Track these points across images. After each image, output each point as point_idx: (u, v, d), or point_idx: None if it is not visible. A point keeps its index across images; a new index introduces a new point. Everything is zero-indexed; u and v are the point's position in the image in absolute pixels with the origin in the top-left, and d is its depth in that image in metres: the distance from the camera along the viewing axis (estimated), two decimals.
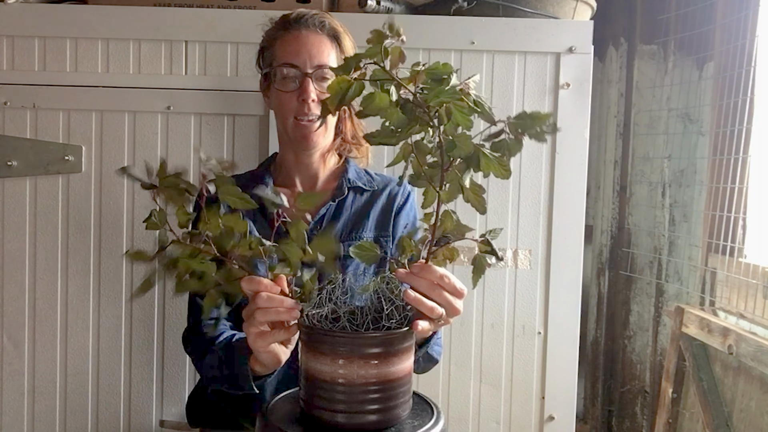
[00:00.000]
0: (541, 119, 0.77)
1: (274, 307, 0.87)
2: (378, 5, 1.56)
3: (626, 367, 2.23)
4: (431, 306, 0.86)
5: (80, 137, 1.58)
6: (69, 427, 1.61)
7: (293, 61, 1.18)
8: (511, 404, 1.62)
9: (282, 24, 1.22)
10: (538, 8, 1.58)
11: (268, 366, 0.96)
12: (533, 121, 0.78)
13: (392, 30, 0.75)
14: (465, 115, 0.78)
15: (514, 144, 0.79)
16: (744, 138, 1.76)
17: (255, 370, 0.99)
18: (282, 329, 0.89)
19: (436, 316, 0.87)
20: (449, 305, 0.88)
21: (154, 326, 1.61)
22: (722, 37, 1.87)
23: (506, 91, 1.58)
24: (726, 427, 1.65)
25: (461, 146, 0.79)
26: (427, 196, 0.86)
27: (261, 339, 0.90)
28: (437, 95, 0.76)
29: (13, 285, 1.60)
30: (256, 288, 0.87)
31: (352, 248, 0.90)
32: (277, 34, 1.22)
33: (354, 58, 0.78)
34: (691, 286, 2.01)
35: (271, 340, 0.91)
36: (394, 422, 0.84)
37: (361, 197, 1.27)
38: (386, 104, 0.78)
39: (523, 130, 0.78)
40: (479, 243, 0.87)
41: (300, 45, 1.19)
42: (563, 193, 1.59)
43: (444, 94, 0.76)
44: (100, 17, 1.57)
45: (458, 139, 0.79)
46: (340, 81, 0.77)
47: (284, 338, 0.91)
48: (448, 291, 0.88)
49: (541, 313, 1.61)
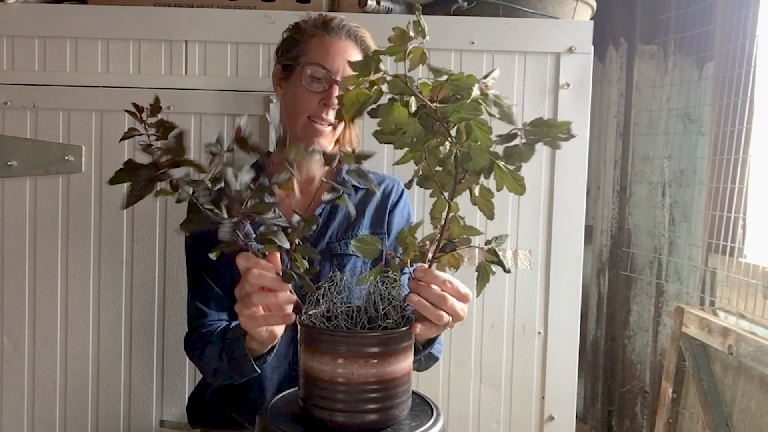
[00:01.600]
0: (558, 127, 0.74)
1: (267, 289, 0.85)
2: (378, 5, 1.56)
3: (626, 367, 2.23)
4: (438, 314, 0.87)
5: (80, 137, 1.58)
6: (69, 427, 1.61)
7: (327, 65, 1.17)
8: (511, 404, 1.62)
9: (323, 25, 1.21)
10: (538, 8, 1.58)
11: (264, 341, 0.95)
12: (550, 129, 0.75)
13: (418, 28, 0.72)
14: (485, 133, 0.74)
15: (527, 150, 0.77)
16: (744, 138, 1.76)
17: (252, 348, 0.98)
18: (276, 314, 0.88)
19: (442, 323, 0.87)
20: (455, 312, 0.88)
21: (154, 326, 1.61)
22: (722, 37, 1.87)
23: (506, 92, 1.58)
24: (726, 427, 1.65)
25: (477, 159, 0.76)
26: (437, 204, 0.84)
27: (253, 321, 0.89)
28: (457, 110, 0.73)
29: (13, 285, 1.59)
30: (252, 265, 0.86)
31: (353, 242, 0.89)
32: (315, 32, 1.21)
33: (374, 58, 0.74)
34: (691, 286, 2.01)
35: (264, 323, 0.89)
36: (394, 422, 0.84)
37: (355, 195, 1.27)
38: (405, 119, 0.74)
39: (539, 138, 0.75)
40: (486, 251, 0.86)
41: (337, 51, 1.18)
42: (563, 193, 1.59)
43: (464, 109, 0.73)
44: (100, 17, 1.57)
45: (474, 152, 0.76)
46: (359, 93, 0.74)
47: (278, 324, 0.90)
48: (453, 296, 0.88)
49: (541, 313, 1.61)
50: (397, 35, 0.73)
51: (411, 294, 0.87)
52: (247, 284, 0.86)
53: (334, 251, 1.20)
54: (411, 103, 0.73)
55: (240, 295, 0.89)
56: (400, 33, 0.73)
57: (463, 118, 0.73)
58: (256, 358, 1.00)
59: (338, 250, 1.20)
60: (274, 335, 0.94)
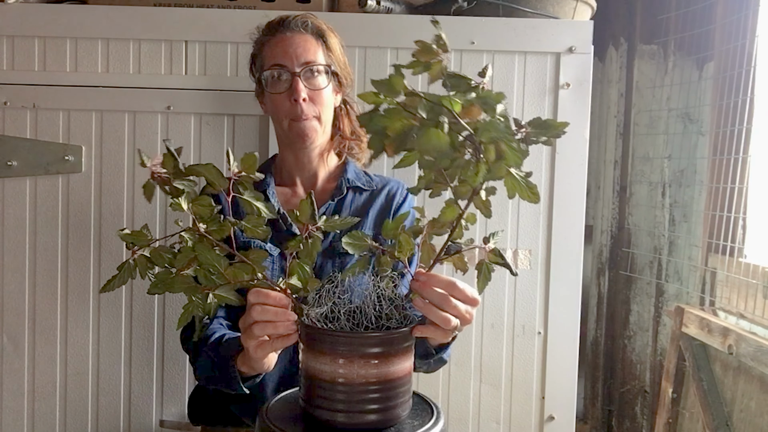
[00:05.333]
0: (557, 127, 0.74)
1: (271, 321, 0.88)
2: (378, 5, 1.56)
3: (626, 367, 2.23)
4: (445, 317, 0.86)
5: (80, 137, 1.58)
6: (69, 427, 1.61)
7: (281, 62, 1.20)
8: (511, 404, 1.62)
9: (267, 29, 1.25)
10: (538, 8, 1.58)
11: (256, 369, 0.99)
12: (548, 129, 0.75)
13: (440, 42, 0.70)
14: (516, 153, 0.72)
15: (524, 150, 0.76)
16: (744, 138, 1.76)
17: (243, 372, 1.01)
18: (281, 339, 0.90)
19: (450, 327, 0.87)
20: (460, 314, 0.88)
21: (154, 326, 1.61)
22: (722, 37, 1.87)
23: (506, 92, 1.57)
24: (726, 427, 1.65)
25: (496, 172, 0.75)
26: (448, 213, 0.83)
27: (260, 349, 0.92)
28: (488, 130, 0.71)
29: (13, 285, 1.59)
30: (263, 301, 0.88)
31: (344, 238, 0.90)
32: (264, 39, 1.25)
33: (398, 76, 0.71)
34: (691, 286, 2.01)
35: (270, 349, 0.92)
36: (394, 422, 0.84)
37: (360, 197, 1.28)
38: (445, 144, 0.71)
39: (536, 138, 0.75)
40: (490, 253, 0.86)
41: (286, 46, 1.21)
42: (563, 193, 1.59)
43: (495, 129, 0.71)
44: (100, 17, 1.57)
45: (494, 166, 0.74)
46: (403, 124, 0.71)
47: (283, 347, 0.93)
48: (461, 300, 0.88)
49: (541, 313, 1.61)
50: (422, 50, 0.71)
51: (416, 299, 0.87)
52: (250, 318, 0.89)
53: (337, 250, 1.20)
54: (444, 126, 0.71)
55: (243, 327, 0.92)
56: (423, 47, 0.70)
57: (495, 138, 0.72)
58: (246, 379, 1.02)
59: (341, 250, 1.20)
60: (268, 366, 0.98)
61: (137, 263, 0.85)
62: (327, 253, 1.20)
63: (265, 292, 0.88)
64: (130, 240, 0.85)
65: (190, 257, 0.84)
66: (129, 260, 0.85)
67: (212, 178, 0.83)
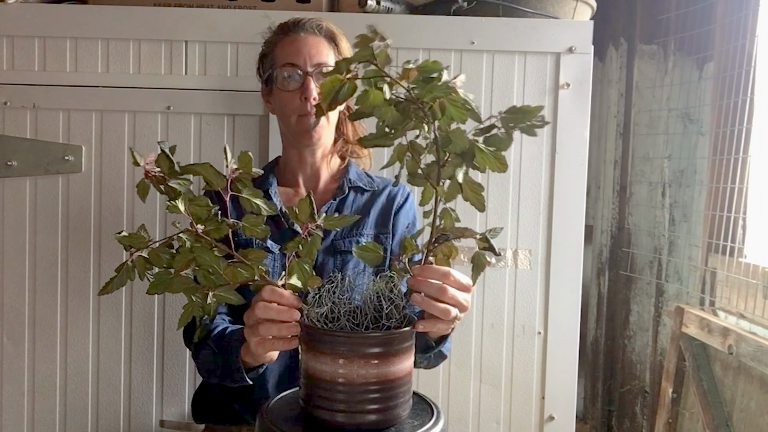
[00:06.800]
0: (531, 113, 0.78)
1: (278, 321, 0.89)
2: (378, 5, 1.56)
3: (626, 367, 2.23)
4: (444, 308, 0.88)
5: (80, 137, 1.58)
6: (69, 427, 1.61)
7: (294, 61, 1.21)
8: (511, 404, 1.62)
9: (281, 29, 1.26)
10: (538, 8, 1.58)
11: (258, 360, 1.01)
12: (524, 115, 0.78)
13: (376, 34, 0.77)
14: (459, 109, 0.79)
15: (505, 138, 0.80)
16: (744, 138, 1.76)
17: (246, 362, 1.02)
18: (283, 340, 0.91)
19: (450, 317, 0.89)
20: (457, 302, 0.90)
21: (154, 326, 1.61)
22: (722, 37, 1.87)
23: (506, 91, 1.58)
24: (726, 427, 1.65)
25: (456, 141, 0.80)
26: (425, 193, 0.86)
27: (261, 346, 0.93)
28: (430, 90, 0.77)
29: (13, 285, 1.59)
30: (277, 299, 0.89)
31: (355, 248, 0.92)
32: (277, 39, 1.26)
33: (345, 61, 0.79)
34: (691, 286, 2.01)
35: (271, 348, 0.93)
36: (394, 422, 0.84)
37: (361, 197, 1.28)
38: (380, 101, 0.79)
39: (514, 125, 0.79)
40: (477, 240, 0.87)
41: (300, 46, 1.22)
42: (563, 193, 1.59)
43: (437, 89, 0.77)
44: (100, 17, 1.57)
45: (453, 135, 0.80)
46: (333, 80, 0.78)
47: (283, 349, 0.94)
48: (455, 287, 0.90)
49: (541, 313, 1.61)
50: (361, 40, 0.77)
51: (414, 294, 0.88)
52: (254, 315, 0.90)
53: (338, 248, 1.21)
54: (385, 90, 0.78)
55: (248, 324, 0.94)
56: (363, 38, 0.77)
57: (436, 96, 0.78)
58: (249, 369, 1.04)
59: (342, 248, 1.21)
60: (271, 357, 1.00)
61: (135, 264, 0.85)
62: (328, 251, 1.21)
63: (280, 291, 0.90)
64: (127, 243, 0.86)
65: (189, 258, 0.85)
66: (127, 262, 0.86)
67: (209, 176, 0.84)
